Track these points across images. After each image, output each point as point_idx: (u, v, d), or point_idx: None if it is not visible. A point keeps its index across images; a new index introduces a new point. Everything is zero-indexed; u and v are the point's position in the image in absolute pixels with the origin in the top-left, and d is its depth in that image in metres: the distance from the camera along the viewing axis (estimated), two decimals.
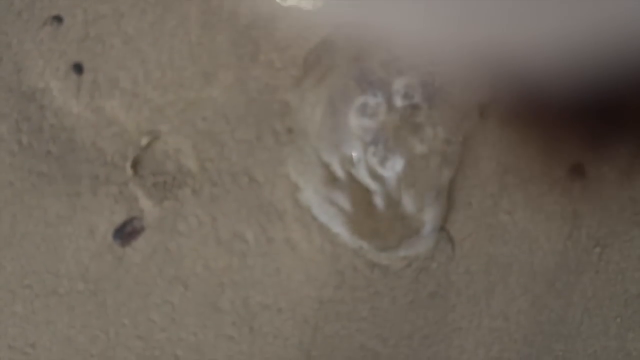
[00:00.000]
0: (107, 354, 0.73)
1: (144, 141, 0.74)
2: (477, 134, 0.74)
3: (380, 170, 0.69)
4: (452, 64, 0.51)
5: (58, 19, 0.76)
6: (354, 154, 0.70)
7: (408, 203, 0.72)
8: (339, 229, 0.72)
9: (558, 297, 0.74)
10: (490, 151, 0.74)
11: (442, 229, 0.74)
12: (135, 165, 0.74)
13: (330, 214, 0.72)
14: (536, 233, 0.74)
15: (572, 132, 0.75)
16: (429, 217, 0.73)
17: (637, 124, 0.73)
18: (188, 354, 0.73)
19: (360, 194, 0.72)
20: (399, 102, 0.69)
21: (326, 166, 0.73)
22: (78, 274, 0.74)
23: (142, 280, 0.74)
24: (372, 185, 0.72)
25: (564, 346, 0.73)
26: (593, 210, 0.74)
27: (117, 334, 0.74)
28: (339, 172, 0.72)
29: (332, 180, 0.72)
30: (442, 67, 0.56)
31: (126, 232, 0.74)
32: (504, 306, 0.74)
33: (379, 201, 0.72)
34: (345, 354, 0.73)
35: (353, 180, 0.72)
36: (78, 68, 0.75)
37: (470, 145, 0.74)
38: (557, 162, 0.75)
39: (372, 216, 0.72)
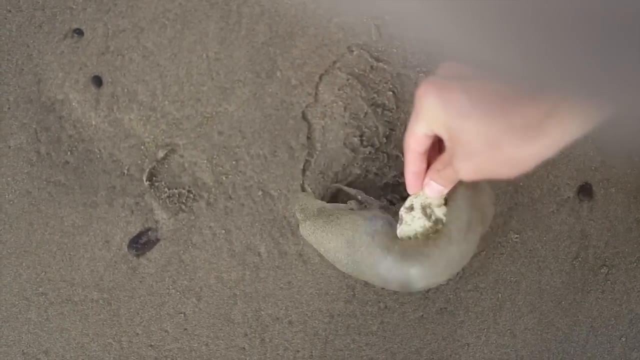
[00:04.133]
0: None
1: (161, 154, 0.76)
2: None
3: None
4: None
5: (79, 32, 0.78)
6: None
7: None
8: None
9: (564, 315, 0.75)
10: None
11: None
12: (152, 177, 0.76)
13: None
14: (544, 252, 0.75)
15: (581, 152, 0.77)
16: None
17: None
18: None
19: None
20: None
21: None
22: (93, 283, 0.75)
23: (155, 291, 0.75)
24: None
25: None
26: (600, 231, 0.76)
27: (130, 342, 0.75)
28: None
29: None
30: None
31: (141, 243, 0.75)
32: (511, 323, 0.75)
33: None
34: None
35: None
36: (97, 81, 0.77)
37: None
38: (565, 183, 0.76)
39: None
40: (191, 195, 0.75)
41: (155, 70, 0.77)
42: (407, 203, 0.59)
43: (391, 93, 0.77)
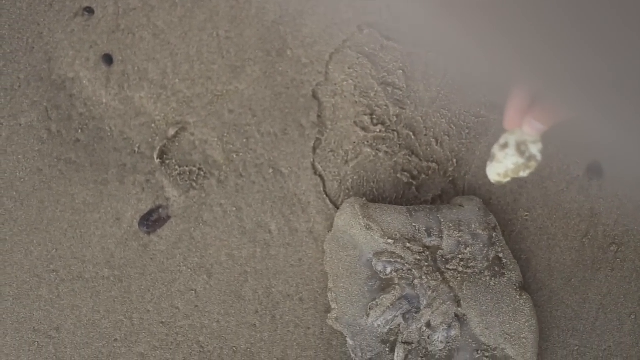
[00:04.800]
0: (131, 339, 0.75)
1: (171, 132, 0.76)
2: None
3: None
4: None
5: (89, 11, 0.78)
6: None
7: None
8: None
9: (574, 293, 0.75)
10: None
11: None
12: (162, 155, 0.76)
13: None
14: (554, 230, 0.76)
15: (590, 131, 0.77)
16: None
17: None
18: (210, 340, 0.75)
19: None
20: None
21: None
22: (104, 260, 0.75)
23: (166, 268, 0.75)
24: None
25: (579, 341, 0.75)
26: (610, 209, 0.76)
27: (141, 319, 0.75)
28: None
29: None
30: None
31: (152, 220, 0.75)
32: None
33: None
34: None
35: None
36: (108, 59, 0.77)
37: (491, 143, 0.75)
38: (575, 161, 0.76)
39: None
40: (202, 173, 0.76)
41: (165, 49, 0.77)
42: (502, 140, 0.58)
43: (401, 72, 0.77)
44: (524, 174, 0.58)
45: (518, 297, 0.72)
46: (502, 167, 0.58)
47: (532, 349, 0.71)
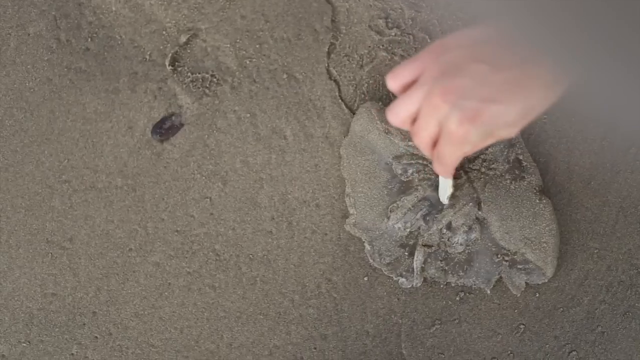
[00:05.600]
0: (146, 248, 0.74)
1: (183, 39, 0.75)
2: None
3: None
4: None
5: None
6: None
7: None
8: None
9: (594, 196, 0.74)
10: None
11: None
12: (174, 62, 0.75)
13: None
14: (572, 133, 0.75)
15: None
16: None
17: None
18: (226, 248, 0.74)
19: None
20: None
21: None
22: (116, 169, 0.74)
23: (180, 176, 0.74)
24: None
25: (599, 244, 0.74)
26: None
27: (155, 228, 0.74)
28: None
29: None
30: None
31: (165, 128, 0.74)
32: None
33: None
34: None
35: None
36: None
37: None
38: None
39: None
40: (215, 80, 0.75)
41: None
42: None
43: None
44: None
45: (538, 201, 0.71)
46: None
47: (552, 253, 0.70)
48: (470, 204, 0.69)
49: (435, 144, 0.51)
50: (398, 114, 0.50)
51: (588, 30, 0.31)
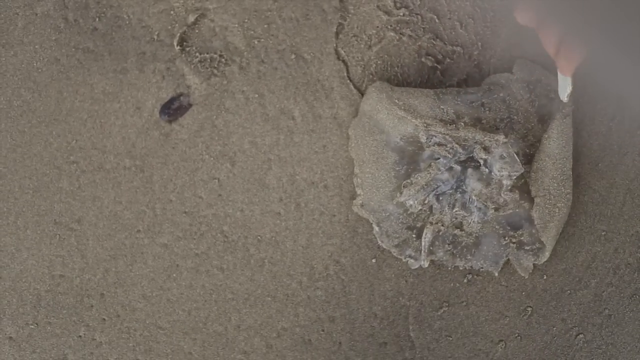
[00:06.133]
0: (154, 229, 0.74)
1: (191, 18, 0.74)
2: None
3: None
4: None
5: None
6: None
7: None
8: None
9: (601, 177, 0.74)
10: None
11: None
12: (182, 42, 0.74)
13: None
14: (580, 115, 0.75)
15: None
16: None
17: None
18: (234, 229, 0.74)
19: None
20: None
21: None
22: (124, 150, 0.74)
23: (188, 157, 0.74)
24: None
25: (606, 226, 0.74)
26: (637, 93, 0.75)
27: (163, 210, 0.74)
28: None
29: None
30: None
31: (173, 109, 0.74)
32: None
33: None
34: None
35: None
36: None
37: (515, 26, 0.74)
38: None
39: None
40: (223, 60, 0.74)
41: None
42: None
43: None
44: None
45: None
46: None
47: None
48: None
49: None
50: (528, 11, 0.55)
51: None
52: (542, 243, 0.70)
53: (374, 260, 0.74)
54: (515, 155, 0.68)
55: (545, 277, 0.74)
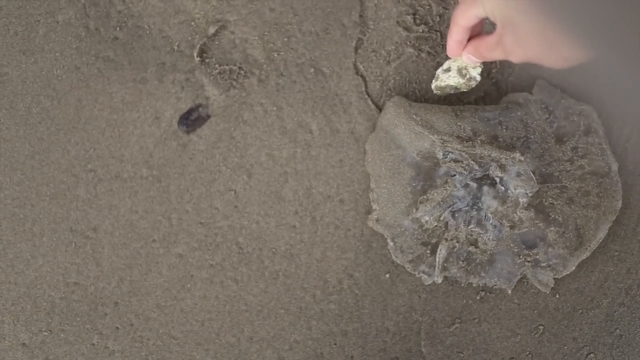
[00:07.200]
0: (169, 239, 0.74)
1: (211, 30, 0.75)
2: None
3: None
4: None
5: None
6: None
7: None
8: None
9: None
10: None
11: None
12: (202, 53, 0.75)
13: None
14: None
15: None
16: None
17: None
18: (249, 241, 0.74)
19: None
20: None
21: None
22: (142, 159, 0.74)
23: (206, 168, 0.74)
24: None
25: (619, 247, 0.74)
26: None
27: (179, 220, 0.74)
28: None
29: None
30: None
31: (191, 119, 0.74)
32: None
33: None
34: None
35: None
36: None
37: None
38: None
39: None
40: (242, 72, 0.75)
41: None
42: (445, 65, 0.69)
43: None
44: (465, 89, 0.70)
45: None
46: (444, 86, 0.70)
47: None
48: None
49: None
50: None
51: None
52: (560, 258, 0.70)
53: (387, 275, 0.74)
54: (532, 174, 0.68)
55: (557, 296, 0.74)
